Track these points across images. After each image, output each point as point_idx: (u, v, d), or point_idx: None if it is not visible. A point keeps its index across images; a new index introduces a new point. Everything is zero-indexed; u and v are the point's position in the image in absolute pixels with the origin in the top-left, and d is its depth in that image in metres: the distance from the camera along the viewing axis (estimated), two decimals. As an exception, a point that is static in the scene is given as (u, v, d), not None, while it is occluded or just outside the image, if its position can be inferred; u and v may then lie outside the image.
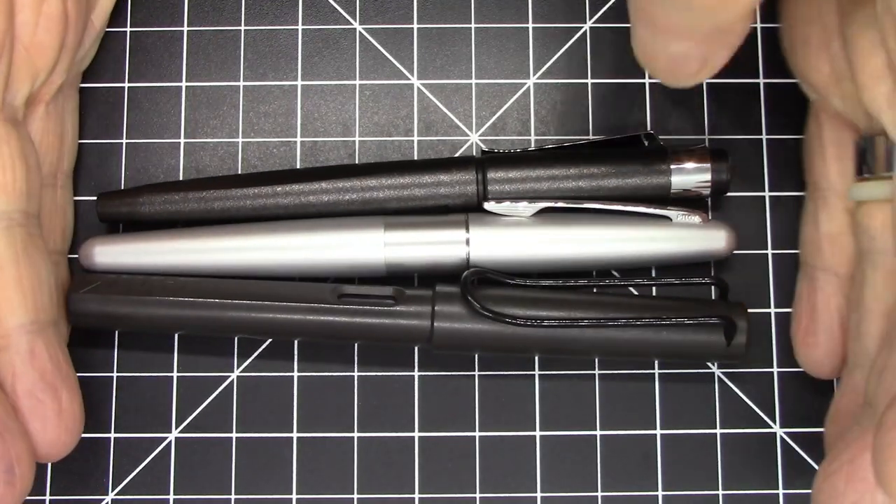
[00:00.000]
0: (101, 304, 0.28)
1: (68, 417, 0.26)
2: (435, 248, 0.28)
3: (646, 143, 0.30)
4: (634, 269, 0.30)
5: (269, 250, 0.28)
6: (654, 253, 0.29)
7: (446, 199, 0.29)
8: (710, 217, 0.29)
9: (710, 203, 0.31)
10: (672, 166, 0.28)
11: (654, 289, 0.30)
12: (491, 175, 0.29)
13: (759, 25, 0.32)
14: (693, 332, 0.28)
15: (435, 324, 0.27)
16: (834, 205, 0.28)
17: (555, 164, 0.29)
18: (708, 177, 0.28)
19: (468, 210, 0.29)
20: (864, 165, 0.26)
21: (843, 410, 0.26)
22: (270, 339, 0.30)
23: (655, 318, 0.27)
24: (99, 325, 0.29)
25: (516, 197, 0.29)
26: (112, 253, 0.29)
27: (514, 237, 0.28)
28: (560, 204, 0.28)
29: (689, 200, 0.29)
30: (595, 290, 0.29)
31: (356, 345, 0.30)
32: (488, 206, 0.28)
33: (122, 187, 0.31)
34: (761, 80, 0.31)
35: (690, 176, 0.29)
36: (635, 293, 0.30)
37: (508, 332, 0.27)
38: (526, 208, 0.28)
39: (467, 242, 0.28)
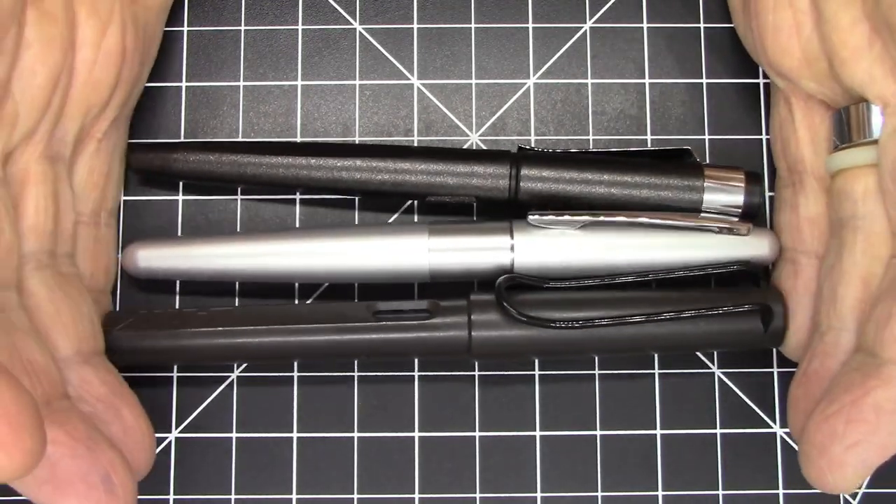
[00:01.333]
0: (135, 340, 0.27)
1: (135, 433, 0.26)
2: (480, 254, 0.28)
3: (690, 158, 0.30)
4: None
5: (313, 255, 0.28)
6: (698, 261, 0.28)
7: (478, 190, 0.29)
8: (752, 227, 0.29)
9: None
10: (706, 184, 0.28)
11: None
12: (524, 172, 0.29)
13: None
14: (731, 322, 0.28)
15: (473, 333, 0.27)
16: (811, 187, 0.28)
17: (589, 169, 0.28)
18: (740, 198, 0.28)
19: (496, 204, 0.29)
20: (840, 136, 0.27)
21: (813, 373, 0.26)
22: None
23: (692, 310, 0.27)
24: (135, 362, 0.28)
25: (547, 197, 0.28)
26: (154, 258, 0.29)
27: (558, 244, 0.28)
28: (609, 219, 0.28)
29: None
30: (629, 287, 0.28)
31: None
32: (532, 219, 0.28)
33: (123, 187, 0.31)
34: (761, 81, 0.31)
35: (723, 196, 0.28)
36: (667, 287, 0.30)
37: (547, 336, 0.27)
38: (571, 222, 0.28)
39: (512, 249, 0.28)
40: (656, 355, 0.30)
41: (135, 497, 0.24)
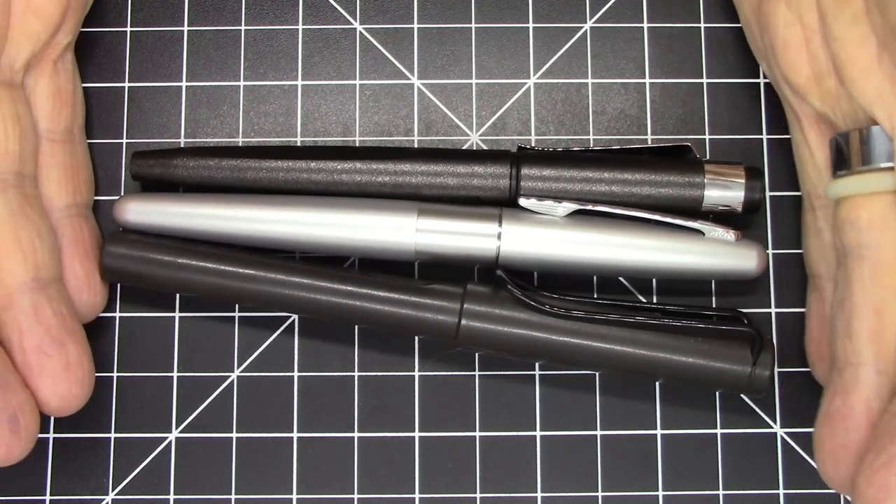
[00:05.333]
0: (133, 262, 0.28)
1: (77, 369, 0.26)
2: (466, 238, 0.28)
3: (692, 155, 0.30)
4: (662, 280, 0.30)
5: (301, 224, 0.28)
6: (683, 266, 0.28)
7: (478, 190, 0.29)
8: (742, 235, 0.29)
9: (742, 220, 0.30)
10: (706, 180, 0.28)
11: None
12: (525, 171, 0.29)
13: (759, 25, 0.32)
14: (718, 361, 0.27)
15: (462, 321, 0.28)
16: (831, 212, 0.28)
17: (589, 167, 0.29)
18: (741, 194, 0.28)
19: (499, 204, 0.29)
20: (839, 163, 0.26)
21: (836, 413, 0.25)
22: (271, 339, 0.30)
23: (678, 316, 0.27)
24: (130, 280, 0.29)
25: (548, 195, 0.28)
26: (145, 212, 0.29)
27: (545, 236, 0.28)
28: (596, 207, 0.28)
29: (719, 215, 0.29)
30: (620, 310, 0.28)
31: (356, 344, 0.30)
32: (523, 202, 0.28)
33: (122, 188, 0.31)
34: (761, 80, 0.31)
35: (723, 192, 0.28)
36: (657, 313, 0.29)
37: (534, 336, 0.27)
38: (560, 208, 0.28)
39: (499, 237, 0.28)
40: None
41: (35, 439, 0.25)
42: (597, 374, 0.30)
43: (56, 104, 0.28)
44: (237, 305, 0.30)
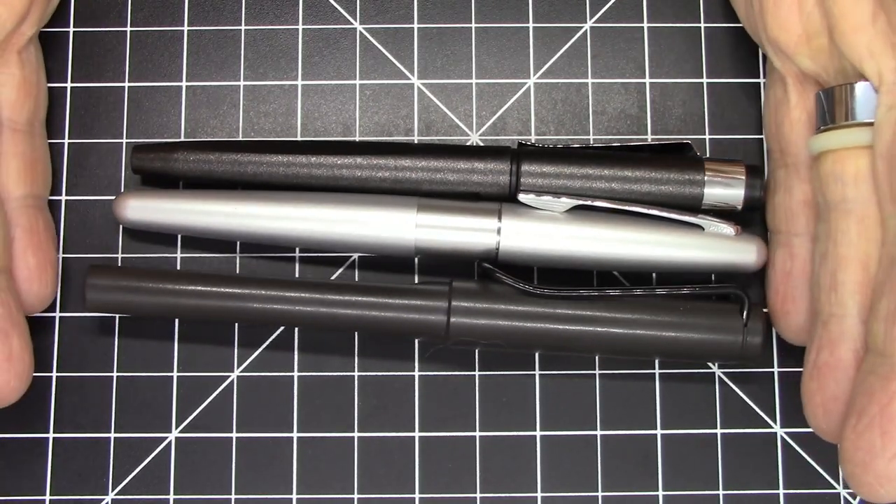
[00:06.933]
0: (117, 293, 0.28)
1: (18, 363, 0.26)
2: (466, 234, 0.28)
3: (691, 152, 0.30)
4: (662, 274, 0.30)
5: (301, 220, 0.28)
6: (682, 260, 0.28)
7: (478, 186, 0.29)
8: (741, 230, 0.29)
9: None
10: (706, 178, 0.28)
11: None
12: (525, 167, 0.29)
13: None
14: (709, 332, 0.28)
15: (451, 319, 0.28)
16: (806, 169, 0.28)
17: (589, 164, 0.29)
18: (741, 192, 0.28)
19: (498, 200, 0.29)
20: (822, 118, 0.27)
21: (824, 365, 0.26)
22: (271, 338, 0.30)
23: (675, 289, 0.28)
24: (116, 311, 0.29)
25: (548, 191, 0.28)
26: (144, 209, 0.29)
27: (545, 231, 0.28)
28: (595, 203, 0.28)
29: (719, 212, 0.29)
30: (612, 299, 0.28)
31: (356, 344, 0.30)
32: (522, 197, 0.28)
33: (122, 187, 0.31)
34: (761, 80, 0.31)
35: (724, 189, 0.28)
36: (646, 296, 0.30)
37: (523, 326, 0.28)
38: (559, 204, 0.28)
39: (498, 232, 0.28)
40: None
41: None
42: (597, 374, 0.30)
43: (21, 94, 0.28)
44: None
